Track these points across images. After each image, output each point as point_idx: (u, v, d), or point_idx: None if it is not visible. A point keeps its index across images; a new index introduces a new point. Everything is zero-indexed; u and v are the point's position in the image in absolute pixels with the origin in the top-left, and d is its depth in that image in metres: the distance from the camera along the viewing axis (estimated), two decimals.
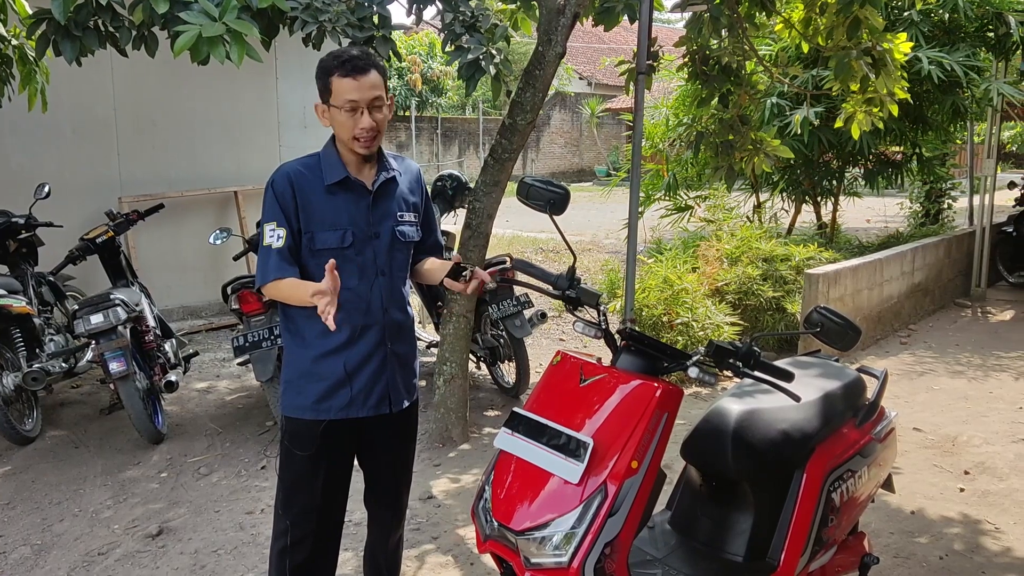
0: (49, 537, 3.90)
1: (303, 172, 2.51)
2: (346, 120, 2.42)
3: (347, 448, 2.67)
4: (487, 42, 4.38)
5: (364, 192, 2.54)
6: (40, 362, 5.00)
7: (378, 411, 2.62)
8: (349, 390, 2.55)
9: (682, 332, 6.12)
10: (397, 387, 2.65)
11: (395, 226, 2.59)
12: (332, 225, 2.50)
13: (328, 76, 2.42)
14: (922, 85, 7.94)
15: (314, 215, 2.49)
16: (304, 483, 2.61)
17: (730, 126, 5.41)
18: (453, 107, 27.94)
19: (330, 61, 2.44)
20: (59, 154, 6.91)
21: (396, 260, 2.60)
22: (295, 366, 2.59)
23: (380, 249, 2.56)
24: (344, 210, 2.51)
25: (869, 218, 14.13)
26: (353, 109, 2.41)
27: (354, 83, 2.41)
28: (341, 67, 2.41)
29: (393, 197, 2.60)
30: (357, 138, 2.45)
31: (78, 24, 3.87)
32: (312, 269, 2.49)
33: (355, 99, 2.40)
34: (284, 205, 2.47)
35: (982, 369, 6.56)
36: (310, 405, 2.56)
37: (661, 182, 9.84)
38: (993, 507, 4.16)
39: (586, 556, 2.06)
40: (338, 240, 2.49)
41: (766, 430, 2.60)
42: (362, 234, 2.52)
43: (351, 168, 2.53)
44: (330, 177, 2.50)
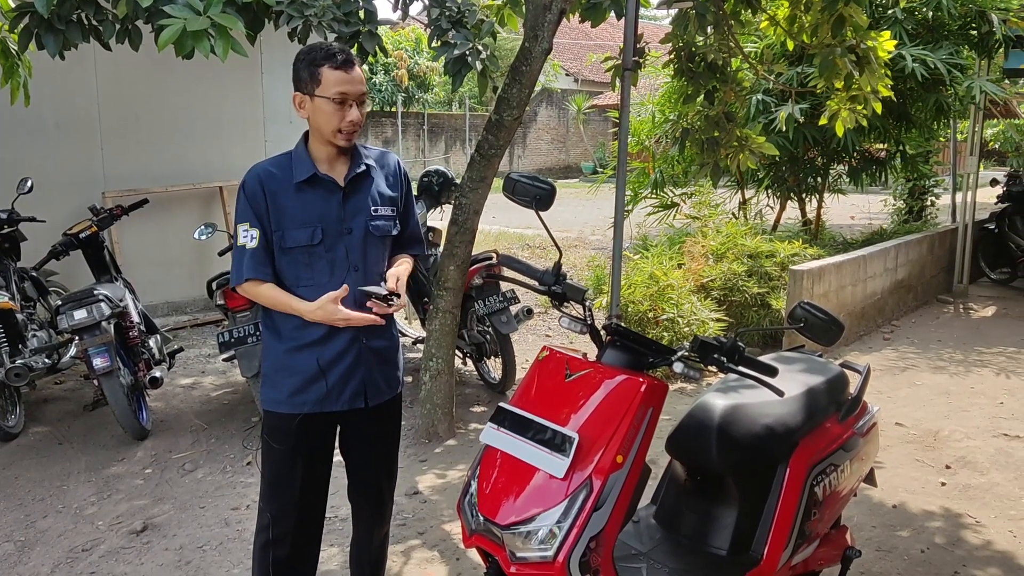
0: (33, 534, 3.88)
1: (273, 172, 2.53)
2: (333, 112, 2.43)
3: (325, 442, 2.68)
4: (473, 38, 4.38)
5: (335, 188, 2.55)
6: (23, 358, 4.96)
7: (352, 405, 2.62)
8: (324, 384, 2.56)
9: (667, 328, 6.14)
10: (375, 381, 2.65)
11: (368, 220, 2.58)
12: (302, 223, 2.50)
13: (317, 67, 2.42)
14: (906, 83, 7.98)
15: (284, 213, 2.50)
16: (284, 477, 2.62)
17: (716, 123, 5.43)
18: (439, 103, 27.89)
19: (319, 52, 2.44)
20: (42, 149, 6.86)
21: (370, 255, 2.61)
22: (271, 360, 2.62)
23: (353, 244, 2.56)
24: (314, 207, 2.52)
25: (853, 215, 14.21)
26: (342, 101, 2.42)
27: (345, 76, 2.42)
28: (331, 59, 2.42)
29: (367, 191, 2.60)
30: (342, 131, 2.46)
31: (61, 17, 3.84)
32: (283, 267, 2.53)
33: (346, 91, 2.42)
34: (255, 206, 2.49)
35: (964, 365, 6.61)
36: (285, 399, 2.57)
37: (647, 180, 9.85)
38: (974, 501, 4.20)
39: (571, 550, 2.07)
40: (308, 237, 2.50)
41: (750, 425, 2.62)
42: (333, 230, 2.53)
43: (322, 164, 2.54)
44: (299, 175, 2.51)
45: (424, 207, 6.20)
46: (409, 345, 6.95)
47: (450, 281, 4.77)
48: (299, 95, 2.48)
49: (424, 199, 6.25)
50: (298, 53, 2.50)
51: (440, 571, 3.51)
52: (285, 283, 2.55)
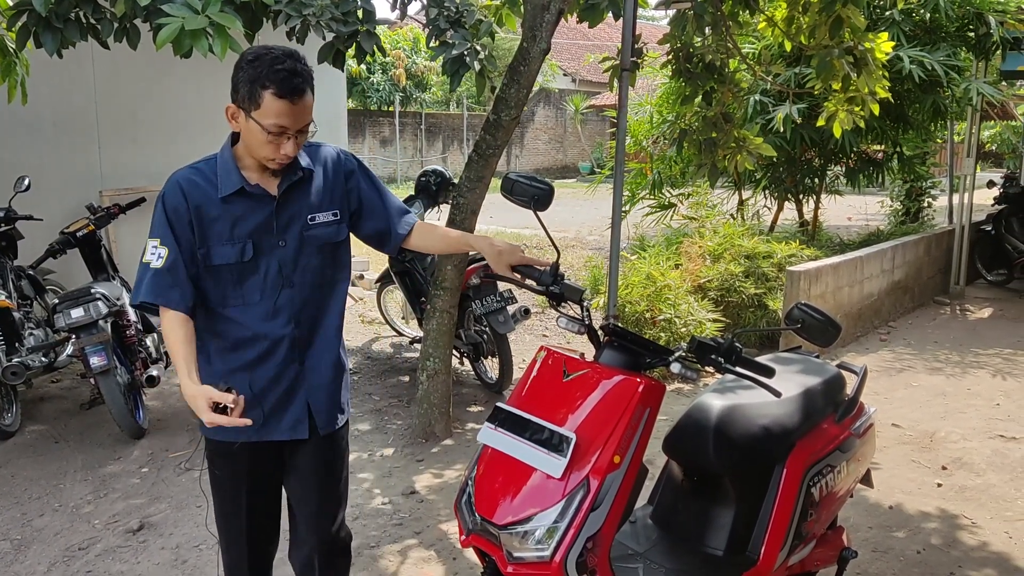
0: (29, 532, 3.88)
1: (196, 181, 2.23)
2: (265, 141, 2.14)
3: (270, 473, 2.45)
4: (472, 38, 4.38)
5: (267, 199, 2.26)
6: (20, 356, 4.96)
7: (295, 434, 2.37)
8: (261, 411, 2.31)
9: (665, 328, 6.15)
10: (320, 406, 2.40)
11: (304, 230, 2.31)
12: (229, 238, 2.23)
13: (259, 88, 2.08)
14: (903, 84, 8.00)
15: (210, 228, 2.22)
16: (229, 505, 2.45)
17: (713, 124, 5.43)
18: (437, 103, 27.87)
19: (265, 69, 2.08)
20: (39, 147, 6.84)
21: (309, 268, 2.33)
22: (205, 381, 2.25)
23: (286, 259, 2.29)
24: (243, 221, 2.23)
25: (850, 216, 14.23)
26: (280, 134, 2.13)
27: (289, 107, 2.10)
28: (279, 84, 2.08)
29: (303, 199, 2.31)
30: (271, 159, 2.19)
31: (59, 16, 3.84)
32: (208, 286, 2.26)
33: (285, 125, 2.12)
34: (174, 221, 2.21)
35: (960, 366, 6.63)
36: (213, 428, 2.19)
37: (645, 181, 9.86)
38: (970, 502, 4.21)
39: (568, 550, 2.07)
40: (236, 255, 2.24)
41: (747, 425, 2.63)
42: (264, 245, 2.26)
43: (252, 173, 2.25)
44: (225, 188, 2.22)
45: (422, 207, 6.21)
46: (406, 344, 6.96)
47: (447, 281, 4.77)
48: (232, 107, 2.17)
49: (422, 199, 6.25)
50: (242, 55, 2.15)
51: (437, 571, 3.51)
52: (210, 303, 2.27)
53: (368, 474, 4.49)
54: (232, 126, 2.22)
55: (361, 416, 5.36)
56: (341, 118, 9.08)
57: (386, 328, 7.38)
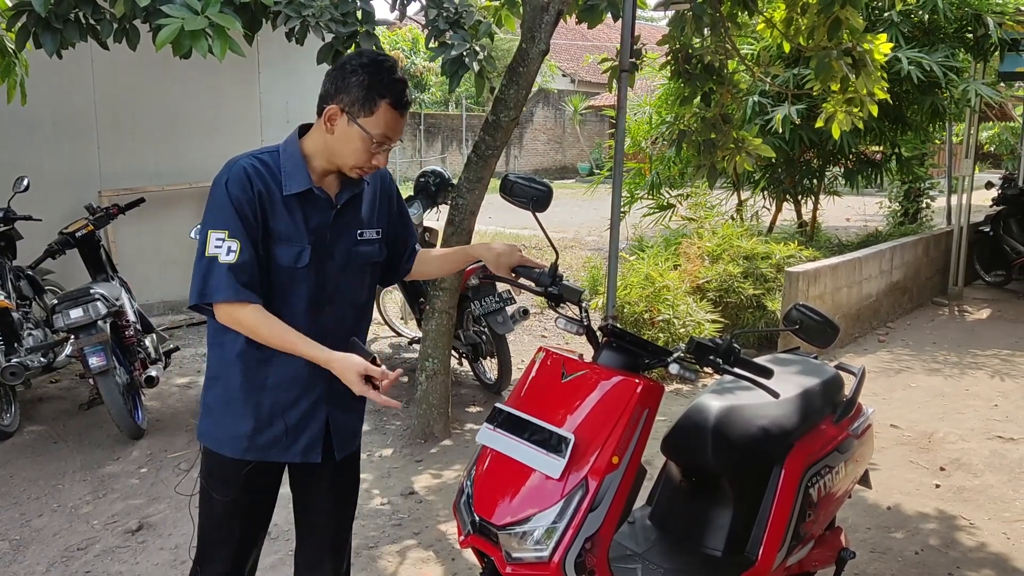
0: (28, 532, 3.88)
1: (261, 172, 2.11)
2: (364, 149, 2.07)
3: (270, 495, 2.34)
4: (471, 38, 4.38)
5: (327, 206, 2.17)
6: (19, 356, 4.95)
7: (307, 457, 2.24)
8: (277, 430, 2.20)
9: (663, 329, 6.15)
10: (339, 430, 2.28)
11: (352, 246, 2.22)
12: (288, 239, 2.11)
13: (379, 96, 2.03)
14: (902, 85, 8.01)
15: (270, 226, 2.11)
16: (220, 531, 2.29)
17: (712, 124, 5.43)
18: (436, 103, 27.90)
19: (386, 78, 2.03)
20: (38, 147, 6.85)
21: (350, 286, 2.24)
22: (218, 391, 2.21)
23: (332, 273, 2.19)
24: (302, 224, 2.13)
25: (849, 217, 14.24)
26: (381, 144, 2.08)
27: (399, 120, 2.08)
28: (398, 96, 2.05)
29: (356, 213, 2.24)
30: (360, 168, 2.12)
31: (59, 16, 3.84)
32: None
33: (391, 136, 2.08)
34: (242, 210, 2.06)
35: (958, 367, 6.63)
36: (228, 440, 2.19)
37: (644, 181, 9.87)
38: (968, 503, 4.22)
39: (567, 551, 2.07)
40: (293, 258, 2.12)
41: (745, 426, 2.63)
42: (317, 254, 2.15)
43: (316, 175, 2.15)
44: (291, 186, 2.12)
45: (421, 207, 6.21)
46: (405, 345, 6.96)
47: (446, 281, 4.77)
48: (335, 109, 2.05)
49: (421, 199, 6.25)
50: (352, 58, 2.08)
51: (436, 571, 3.51)
52: None
53: (367, 475, 4.49)
54: (324, 128, 2.08)
55: None
56: None
57: (385, 329, 7.39)
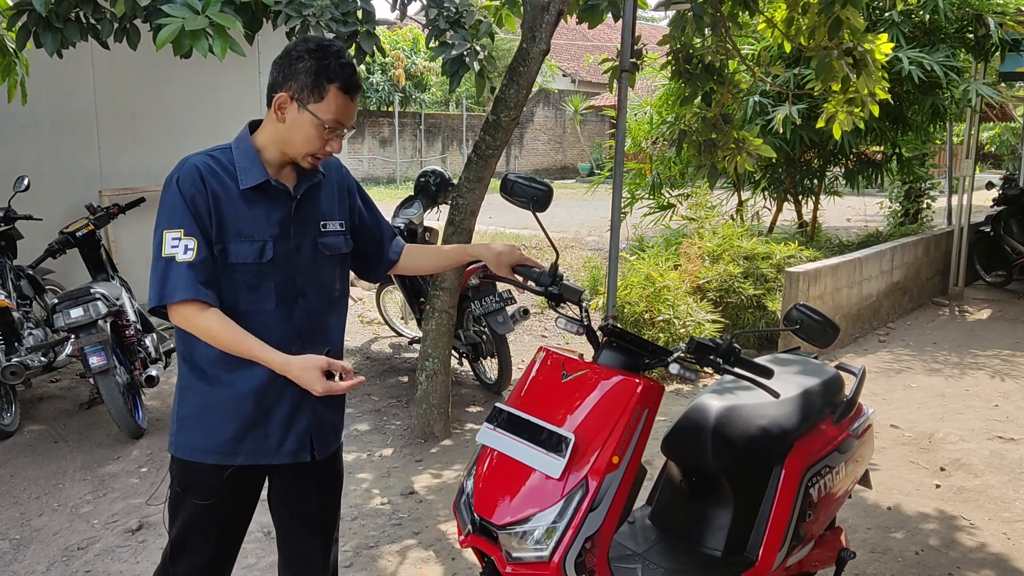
0: (28, 532, 3.88)
1: (215, 169, 2.07)
2: (317, 135, 2.05)
3: (251, 496, 2.29)
4: (471, 38, 4.39)
5: (286, 198, 2.14)
6: (19, 356, 4.96)
7: (296, 458, 2.20)
8: (263, 432, 2.15)
9: (663, 329, 6.15)
10: (321, 429, 2.25)
11: (318, 237, 2.20)
12: (249, 236, 2.07)
13: (327, 81, 2.02)
14: (902, 85, 8.01)
15: (227, 222, 2.06)
16: (197, 537, 2.22)
17: (713, 124, 5.43)
18: (436, 103, 27.89)
19: (332, 62, 2.02)
20: (38, 147, 6.85)
21: (321, 278, 2.22)
22: (194, 401, 2.16)
23: (301, 266, 2.16)
24: (263, 219, 2.09)
25: (849, 217, 14.24)
26: (333, 130, 2.06)
27: (351, 104, 2.07)
28: (346, 79, 2.03)
29: (317, 204, 2.21)
30: (314, 155, 2.09)
31: (59, 16, 3.85)
32: (223, 290, 2.07)
33: (343, 121, 2.07)
34: (195, 208, 2.03)
35: (959, 367, 6.63)
36: (215, 447, 2.14)
37: (644, 181, 9.87)
38: (968, 503, 4.22)
39: (567, 550, 2.07)
40: (255, 254, 2.08)
41: (745, 426, 2.63)
42: (282, 248, 2.12)
43: (272, 168, 2.12)
44: (247, 180, 2.08)
45: (421, 207, 6.21)
46: (405, 345, 6.96)
47: (446, 281, 4.77)
48: (284, 96, 2.04)
49: (421, 199, 6.25)
50: (296, 44, 2.07)
51: (436, 571, 3.51)
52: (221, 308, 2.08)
53: (367, 474, 4.49)
54: (274, 117, 2.07)
55: (360, 416, 5.36)
56: None
57: (385, 328, 7.39)
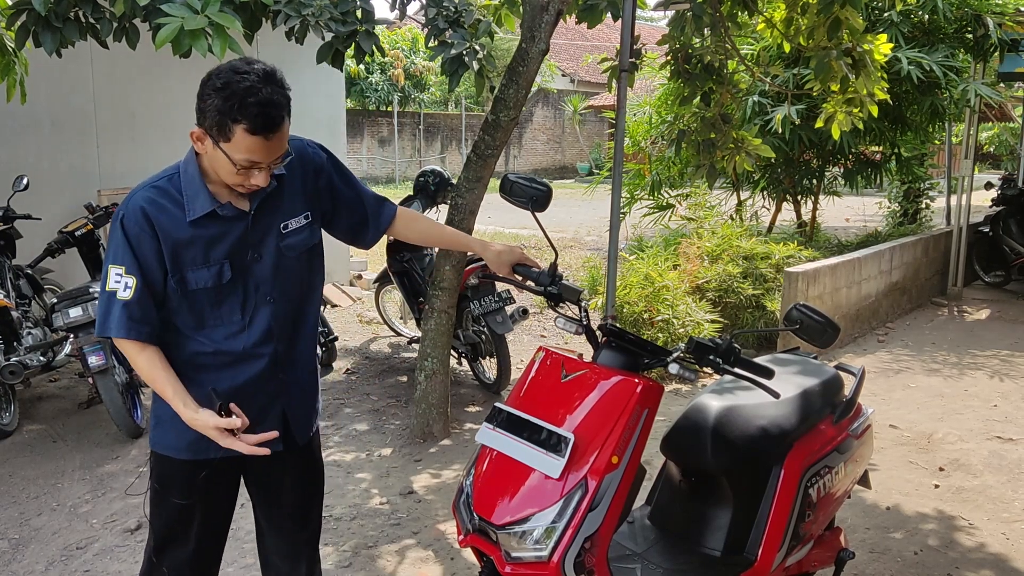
0: (27, 531, 3.88)
1: (161, 203, 2.05)
2: (232, 173, 1.98)
3: (231, 489, 2.32)
4: (470, 37, 4.38)
5: (239, 218, 2.12)
6: (18, 355, 4.96)
7: (272, 448, 2.18)
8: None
9: (663, 329, 6.15)
10: (296, 417, 2.29)
11: (279, 242, 2.18)
12: (204, 262, 2.08)
13: (232, 122, 1.90)
14: (901, 86, 8.01)
15: (181, 254, 2.07)
16: (180, 531, 2.24)
17: (712, 124, 5.43)
18: (436, 103, 27.89)
19: (237, 102, 1.89)
20: (38, 146, 6.85)
21: (288, 279, 2.21)
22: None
23: (264, 274, 2.16)
24: (217, 243, 2.09)
25: (848, 217, 14.24)
26: (249, 168, 1.98)
27: (264, 144, 1.94)
28: (253, 120, 1.90)
29: (276, 209, 2.17)
30: (241, 186, 2.04)
31: (58, 15, 3.84)
32: (183, 310, 2.11)
33: (258, 161, 1.97)
34: (139, 248, 2.03)
35: (958, 367, 6.63)
36: (186, 445, 2.16)
37: (643, 181, 9.88)
38: (967, 503, 4.22)
39: (566, 550, 2.07)
40: (214, 278, 2.10)
41: (745, 426, 2.63)
42: (241, 261, 2.12)
43: (220, 190, 2.08)
44: (194, 211, 2.06)
45: (420, 207, 6.21)
46: (404, 345, 6.96)
47: (446, 281, 4.77)
48: (198, 131, 1.98)
49: (420, 199, 6.25)
50: (209, 76, 1.95)
51: (435, 571, 3.51)
52: (184, 328, 2.13)
53: (366, 474, 4.49)
54: (197, 148, 2.02)
55: (359, 416, 5.36)
56: (340, 118, 9.09)
57: (384, 328, 7.39)
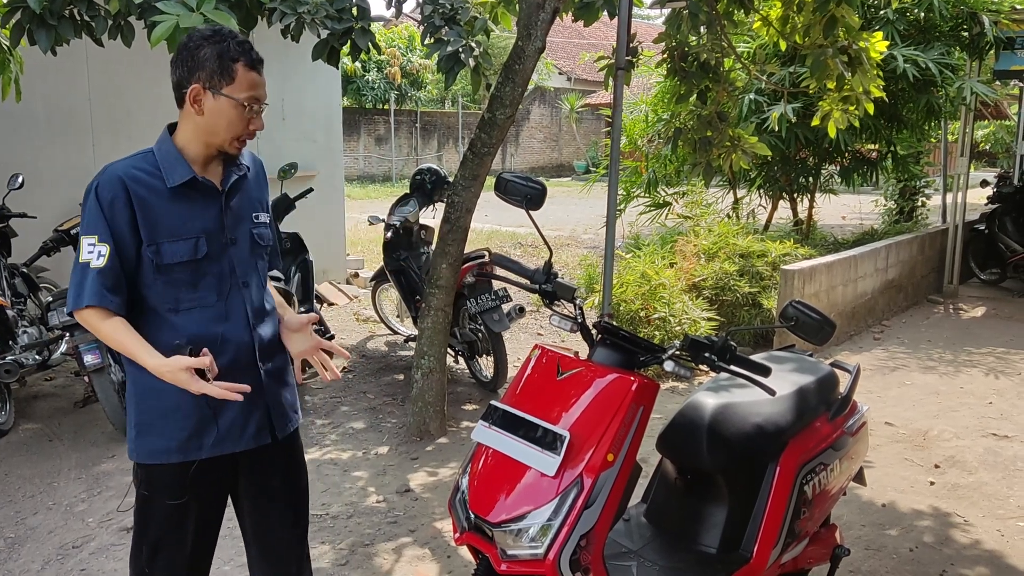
0: (23, 530, 3.87)
1: (138, 175, 2.11)
2: (239, 116, 2.09)
3: (221, 487, 2.30)
4: (467, 35, 4.38)
5: (215, 193, 2.18)
6: (13, 354, 4.95)
7: (259, 441, 2.25)
8: (216, 426, 2.17)
9: (659, 327, 6.16)
10: (280, 409, 2.30)
11: (252, 229, 2.26)
12: (181, 234, 2.11)
13: (231, 61, 2.06)
14: (897, 83, 8.02)
15: (159, 224, 2.10)
16: (172, 535, 2.22)
17: (708, 122, 5.44)
18: (432, 101, 27.85)
19: (231, 43, 2.07)
20: (33, 144, 6.83)
21: (259, 268, 2.29)
22: (149, 405, 2.16)
23: (239, 257, 2.21)
24: (194, 215, 2.14)
25: (844, 215, 14.25)
26: (252, 107, 2.10)
27: (259, 78, 2.12)
28: (247, 55, 2.08)
29: (246, 197, 2.27)
30: (240, 138, 2.14)
31: (53, 13, 3.84)
32: (159, 288, 2.12)
33: (259, 96, 2.12)
34: (112, 216, 2.06)
35: (953, 365, 6.65)
36: (176, 448, 2.15)
37: (640, 179, 9.88)
38: (962, 500, 4.23)
39: (562, 548, 2.08)
40: (190, 251, 2.12)
41: (741, 424, 2.63)
42: (217, 242, 2.17)
43: (196, 166, 2.16)
44: (174, 178, 2.12)
45: (417, 205, 6.21)
46: (401, 343, 6.96)
47: (442, 279, 4.77)
48: (197, 88, 2.08)
49: (417, 197, 6.25)
50: (191, 37, 2.12)
51: (431, 569, 3.51)
52: (160, 308, 2.13)
53: (362, 472, 4.49)
54: (192, 111, 2.12)
55: (356, 414, 5.36)
56: (336, 116, 9.07)
57: (381, 326, 7.38)
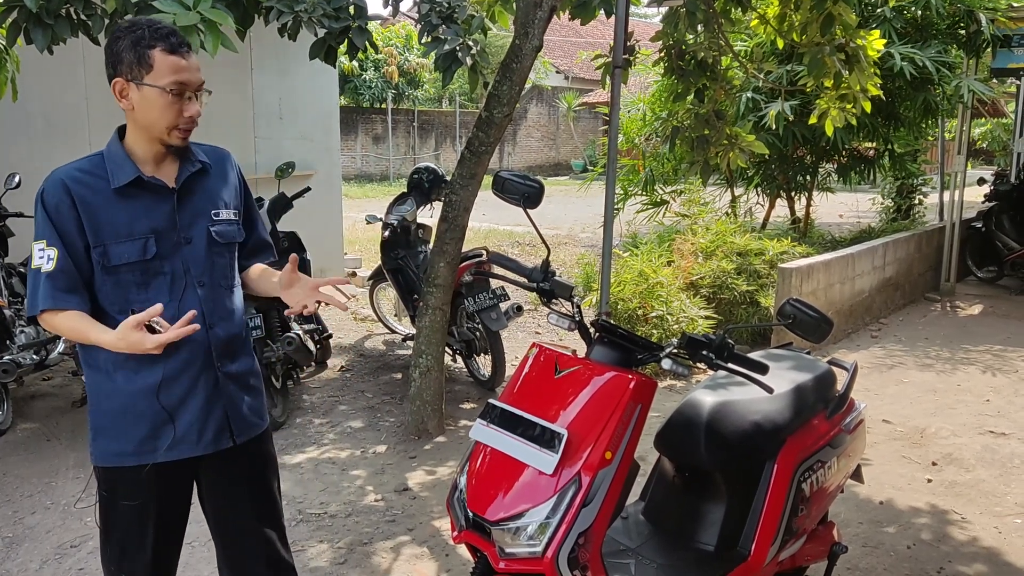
0: (21, 530, 3.87)
1: (82, 177, 2.09)
2: (168, 105, 2.04)
3: (182, 491, 2.27)
4: (464, 33, 4.38)
5: (165, 192, 2.15)
6: (11, 354, 4.94)
7: (217, 446, 2.21)
8: (173, 429, 2.14)
9: (657, 325, 6.16)
10: (240, 413, 2.25)
11: (210, 227, 2.20)
12: (128, 235, 2.08)
13: (147, 48, 2.01)
14: (894, 81, 8.03)
15: (104, 226, 2.07)
16: (134, 538, 2.20)
17: (705, 121, 5.44)
18: (430, 100, 27.83)
19: (146, 30, 2.03)
20: (29, 144, 6.82)
21: (217, 266, 2.22)
22: (106, 407, 2.15)
23: (195, 256, 2.17)
24: (142, 215, 2.10)
25: (842, 213, 14.27)
26: (180, 92, 2.05)
27: (183, 62, 2.05)
28: (164, 40, 2.03)
29: (205, 193, 2.22)
30: (179, 127, 2.10)
31: (50, 12, 3.83)
32: (108, 290, 2.10)
33: (184, 80, 2.05)
34: (58, 220, 2.06)
35: (950, 362, 6.65)
36: (131, 451, 2.13)
37: (638, 178, 9.88)
38: (960, 497, 4.24)
39: (560, 546, 2.08)
40: (139, 252, 2.09)
41: (738, 422, 2.64)
42: (169, 241, 2.13)
43: (147, 166, 2.13)
44: (118, 179, 2.09)
45: (414, 204, 6.21)
46: (399, 342, 6.96)
47: (440, 278, 4.77)
48: (121, 81, 2.04)
49: (414, 196, 6.25)
50: (115, 31, 2.07)
51: (429, 567, 3.51)
52: (110, 310, 2.10)
53: (361, 471, 4.49)
54: (123, 106, 2.09)
55: (354, 413, 5.36)
56: (333, 115, 9.07)
57: (378, 325, 7.38)
